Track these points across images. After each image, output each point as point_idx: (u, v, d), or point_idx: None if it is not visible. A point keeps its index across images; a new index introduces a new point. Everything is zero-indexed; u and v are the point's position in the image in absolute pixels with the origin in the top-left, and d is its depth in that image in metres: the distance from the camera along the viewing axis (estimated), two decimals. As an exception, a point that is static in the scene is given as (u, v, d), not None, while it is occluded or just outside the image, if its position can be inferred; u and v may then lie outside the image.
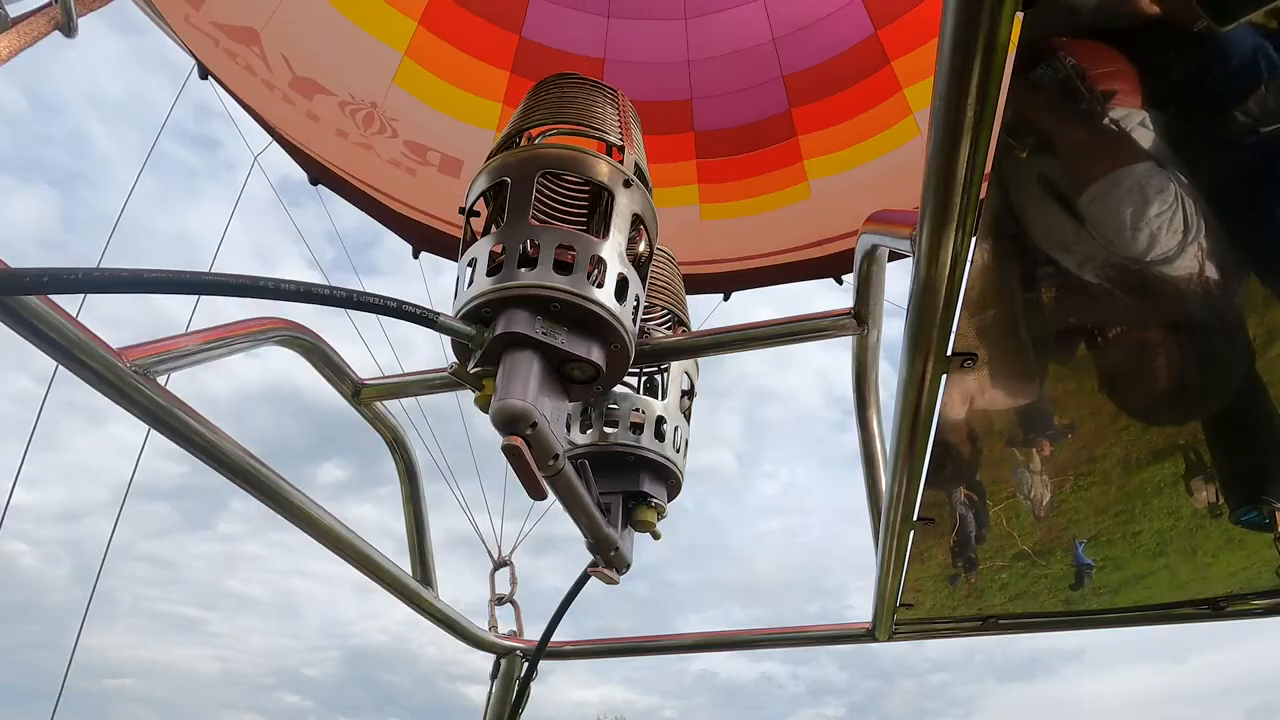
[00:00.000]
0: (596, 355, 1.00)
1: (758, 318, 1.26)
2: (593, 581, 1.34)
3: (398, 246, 4.27)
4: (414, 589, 1.50)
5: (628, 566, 1.32)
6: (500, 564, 2.08)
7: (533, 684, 1.79)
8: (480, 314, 0.97)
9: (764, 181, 4.69)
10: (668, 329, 1.46)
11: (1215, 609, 1.53)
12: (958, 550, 1.43)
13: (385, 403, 1.39)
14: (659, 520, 1.37)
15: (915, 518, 1.18)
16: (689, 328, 1.48)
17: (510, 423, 0.90)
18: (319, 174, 3.77)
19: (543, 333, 0.95)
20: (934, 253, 0.74)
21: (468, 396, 1.03)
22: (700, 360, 1.45)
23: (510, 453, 0.91)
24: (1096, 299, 0.95)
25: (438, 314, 0.94)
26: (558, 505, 1.22)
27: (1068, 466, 1.37)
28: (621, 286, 1.02)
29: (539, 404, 0.93)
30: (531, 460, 0.92)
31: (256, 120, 3.87)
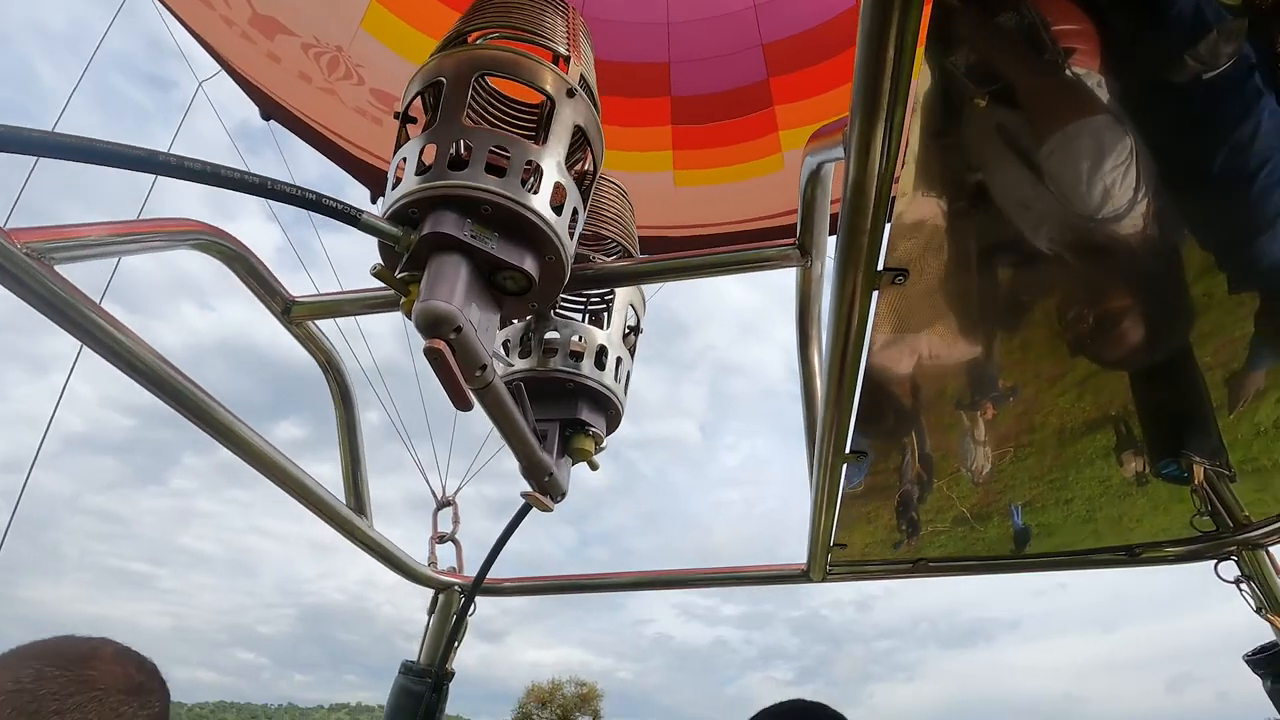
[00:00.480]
0: (530, 265, 0.97)
1: (730, 293, 1.25)
2: (548, 543, 1.33)
3: (363, 200, 4.15)
4: (347, 518, 1.48)
5: (563, 495, 1.31)
6: (444, 504, 2.06)
7: (469, 619, 1.79)
8: (407, 215, 0.93)
9: (739, 151, 4.65)
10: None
11: (1131, 555, 1.59)
12: (892, 492, 1.45)
13: (319, 323, 1.35)
14: (597, 451, 1.36)
15: (848, 449, 1.19)
16: (638, 262, 1.46)
17: (433, 325, 0.88)
18: (271, 110, 3.62)
19: (471, 236, 0.92)
20: (863, 156, 0.73)
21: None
22: (669, 331, 1.44)
23: (432, 356, 0.88)
24: (1037, 239, 0.96)
25: (361, 211, 0.91)
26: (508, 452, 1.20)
27: (1009, 437, 1.38)
28: (558, 197, 0.99)
29: (466, 310, 0.91)
30: (455, 366, 0.90)
31: (211, 55, 3.70)
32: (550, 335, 1.29)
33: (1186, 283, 1.05)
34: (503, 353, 1.24)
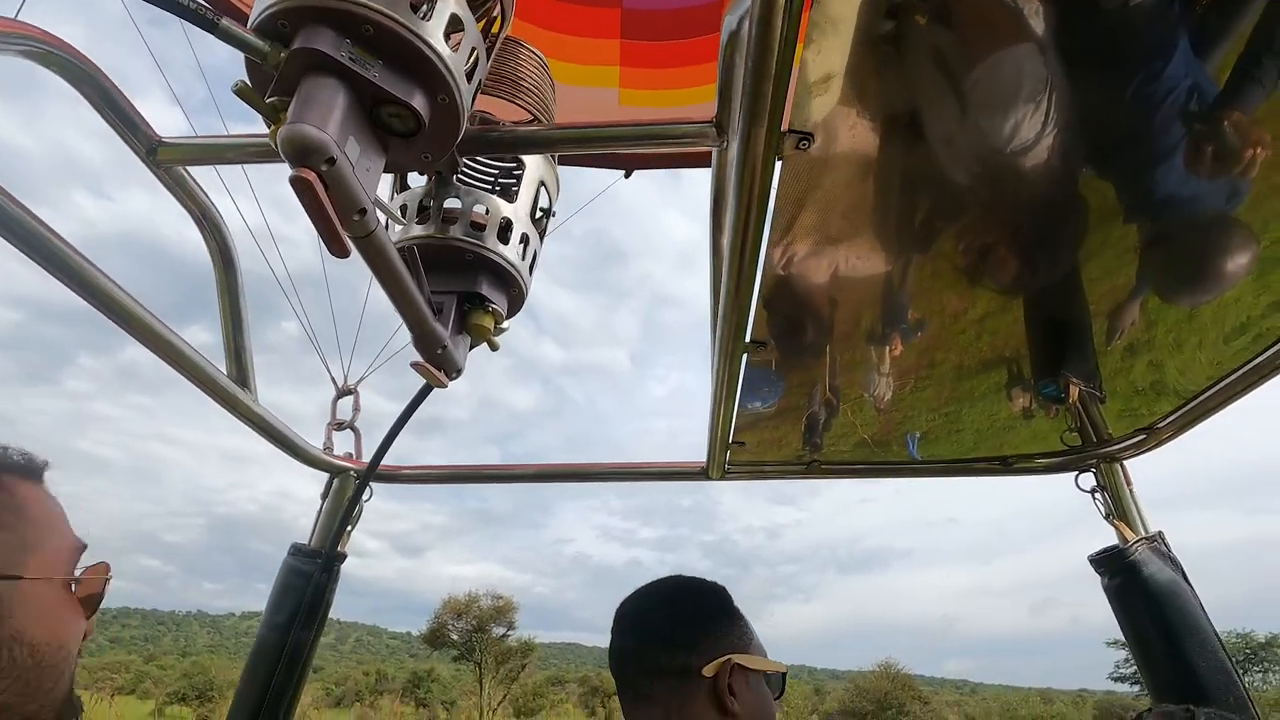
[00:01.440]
0: (419, 103, 0.89)
1: (665, 221, 1.17)
2: (472, 460, 1.28)
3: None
4: (229, 390, 1.39)
5: (459, 372, 1.27)
6: (344, 392, 1.98)
7: (363, 506, 1.76)
8: (276, 28, 0.83)
9: (685, 74, 4.48)
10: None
11: (1006, 465, 1.70)
12: (793, 397, 1.47)
13: (193, 170, 1.22)
14: (498, 332, 1.32)
15: (748, 339, 1.18)
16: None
17: (301, 152, 0.79)
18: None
19: (350, 58, 0.82)
20: (767, 8, 0.69)
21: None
22: (607, 258, 1.37)
23: (300, 188, 0.80)
24: (945, 121, 0.94)
25: (220, 16, 0.79)
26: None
27: (910, 371, 1.42)
28: (454, 29, 0.90)
29: (343, 143, 0.83)
30: (327, 202, 0.82)
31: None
32: (451, 203, 1.21)
33: (1084, 215, 1.07)
34: (397, 214, 1.16)
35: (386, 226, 1.07)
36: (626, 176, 4.98)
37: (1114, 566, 1.53)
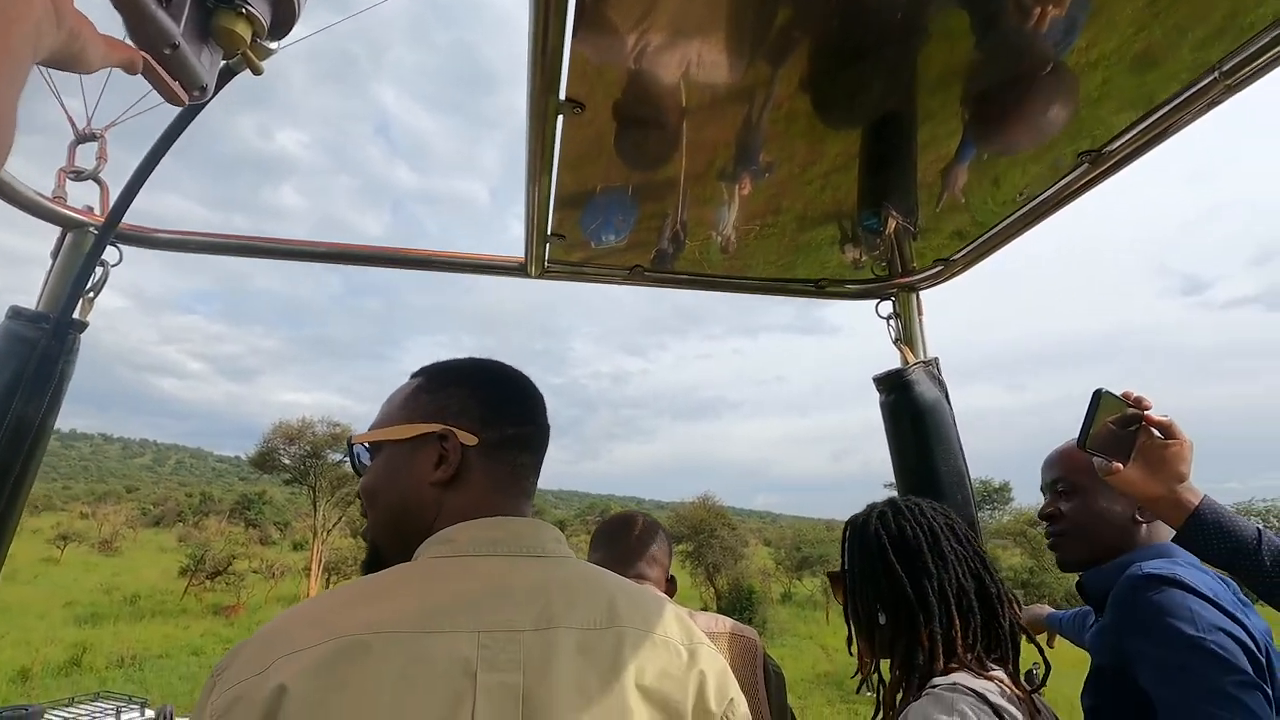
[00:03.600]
0: None
1: None
2: (313, 290, 1.02)
3: None
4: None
5: (203, 89, 1.01)
6: (85, 136, 1.60)
7: (109, 270, 1.48)
8: None
9: None
10: None
11: (819, 288, 1.75)
12: (610, 183, 1.37)
13: None
14: (261, 53, 1.05)
15: (563, 95, 1.04)
16: None
17: None
18: None
19: None
20: None
21: None
22: (473, 79, 1.05)
23: None
24: None
25: None
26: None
27: (740, 185, 1.37)
28: None
29: None
30: None
31: None
32: None
33: (914, 54, 1.02)
34: None
35: None
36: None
37: (892, 384, 1.67)
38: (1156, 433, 0.99)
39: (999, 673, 1.00)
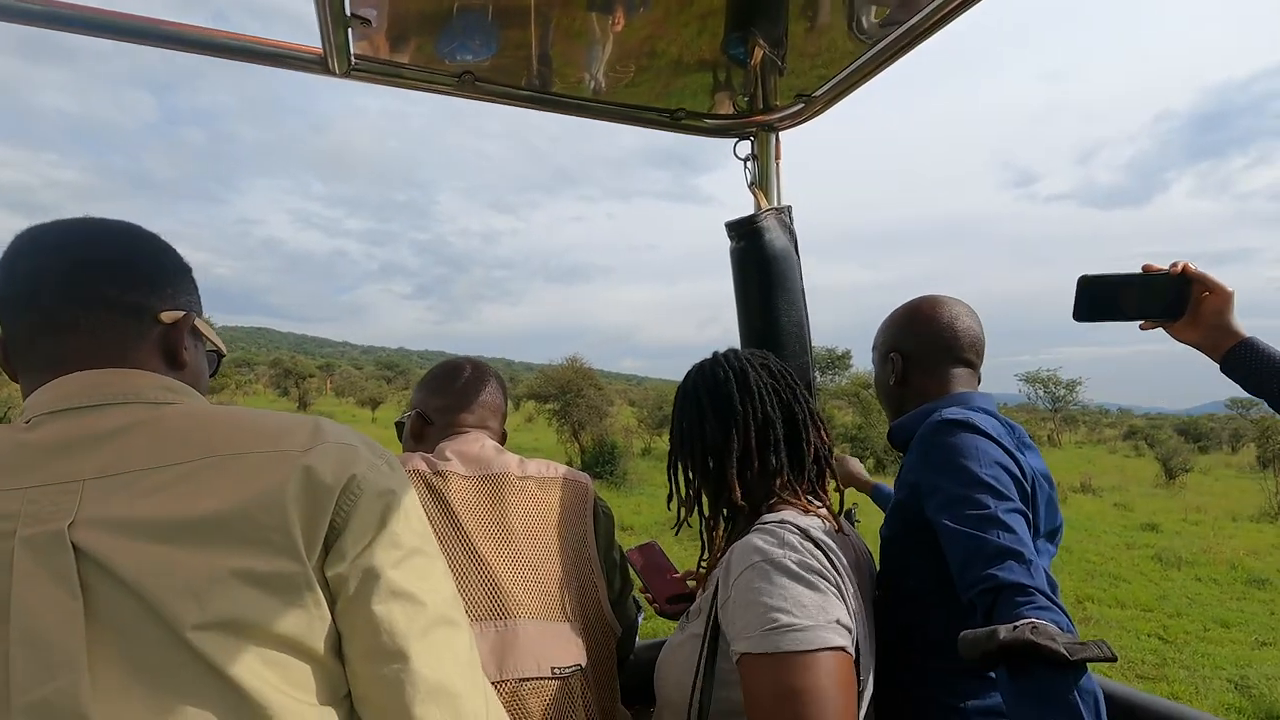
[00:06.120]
0: None
1: None
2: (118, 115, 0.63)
3: None
4: None
5: None
6: None
7: None
8: None
9: None
10: None
11: (674, 119, 1.60)
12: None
13: None
14: None
15: None
16: None
17: None
18: None
19: None
20: None
21: None
22: None
23: None
24: None
25: None
26: None
27: (611, 31, 1.25)
28: None
29: None
30: None
31: None
32: None
33: None
34: None
35: None
36: None
37: (743, 230, 1.61)
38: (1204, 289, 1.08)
39: (823, 509, 1.05)
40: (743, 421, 1.05)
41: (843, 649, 0.85)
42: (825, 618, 0.85)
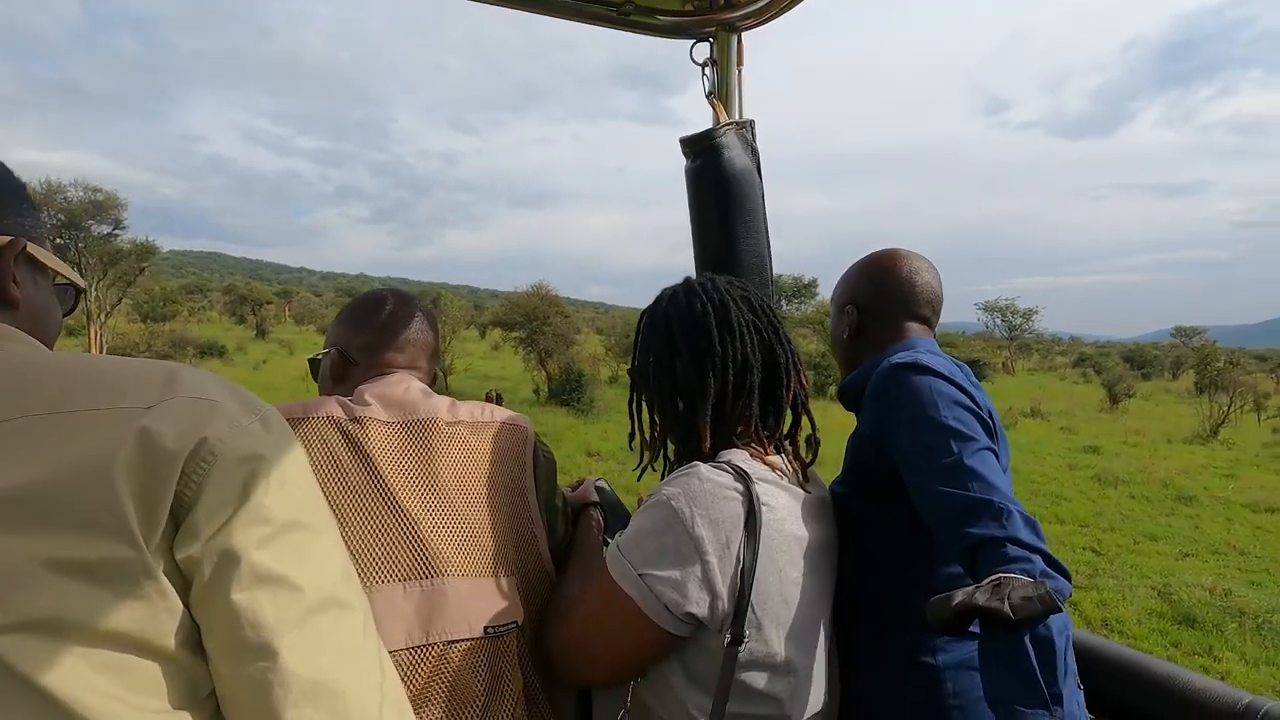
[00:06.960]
0: None
1: None
2: None
3: None
4: None
5: None
6: None
7: None
8: None
9: None
10: None
11: (622, 14, 1.42)
12: None
13: None
14: None
15: None
16: None
17: None
18: None
19: None
20: None
21: None
22: None
23: None
24: None
25: None
26: None
27: None
28: None
29: None
30: None
31: None
32: None
33: None
34: None
35: None
36: None
37: (700, 147, 1.46)
38: None
39: (778, 460, 0.98)
40: (721, 364, 0.95)
41: (651, 620, 0.86)
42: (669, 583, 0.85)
